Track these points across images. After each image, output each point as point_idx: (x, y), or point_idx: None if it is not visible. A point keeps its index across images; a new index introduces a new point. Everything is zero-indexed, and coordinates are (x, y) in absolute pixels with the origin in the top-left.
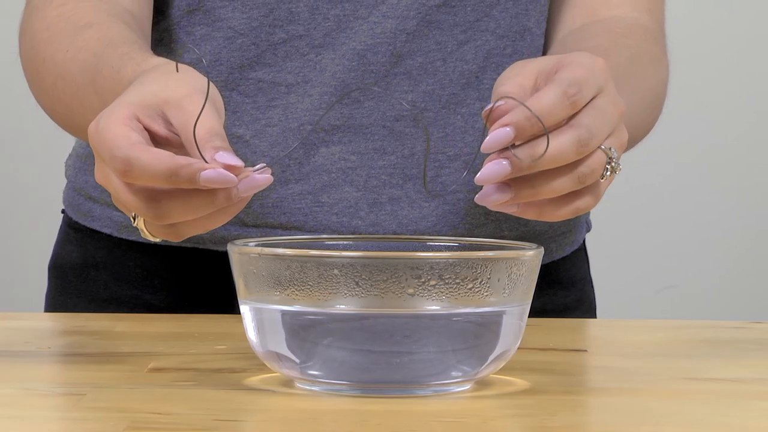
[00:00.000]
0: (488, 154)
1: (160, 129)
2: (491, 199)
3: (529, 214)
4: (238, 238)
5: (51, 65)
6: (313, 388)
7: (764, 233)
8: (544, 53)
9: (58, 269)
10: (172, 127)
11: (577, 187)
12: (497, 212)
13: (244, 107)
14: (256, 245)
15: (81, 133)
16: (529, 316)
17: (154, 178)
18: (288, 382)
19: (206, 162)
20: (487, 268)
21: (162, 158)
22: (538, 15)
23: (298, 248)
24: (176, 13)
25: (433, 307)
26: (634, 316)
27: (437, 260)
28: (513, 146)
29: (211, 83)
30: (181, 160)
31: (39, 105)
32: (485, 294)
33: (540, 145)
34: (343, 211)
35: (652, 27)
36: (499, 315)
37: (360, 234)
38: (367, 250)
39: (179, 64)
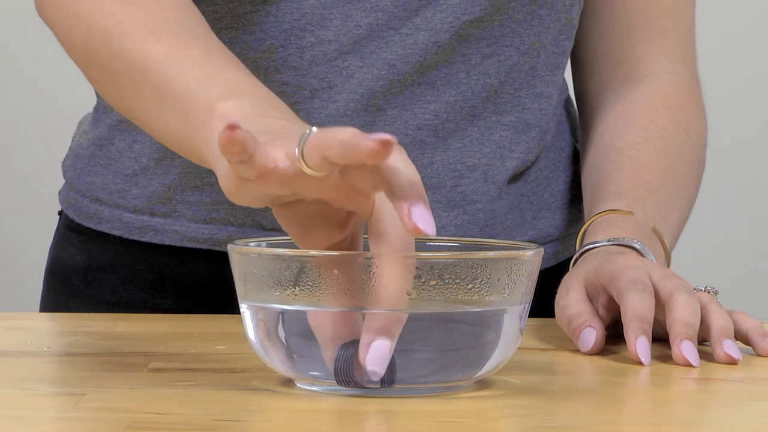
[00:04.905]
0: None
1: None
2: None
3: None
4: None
5: (129, 59)
6: (313, 388)
7: (765, 233)
8: (577, 94)
9: (58, 272)
10: None
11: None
12: (514, 222)
13: None
14: (256, 245)
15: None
16: (529, 316)
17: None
18: (288, 382)
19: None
20: (487, 268)
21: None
22: (556, 33)
23: (298, 248)
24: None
25: (433, 307)
26: None
27: (437, 260)
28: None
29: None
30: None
31: (91, 83)
32: (485, 294)
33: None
34: None
35: (687, 82)
36: (499, 315)
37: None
38: (368, 250)
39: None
